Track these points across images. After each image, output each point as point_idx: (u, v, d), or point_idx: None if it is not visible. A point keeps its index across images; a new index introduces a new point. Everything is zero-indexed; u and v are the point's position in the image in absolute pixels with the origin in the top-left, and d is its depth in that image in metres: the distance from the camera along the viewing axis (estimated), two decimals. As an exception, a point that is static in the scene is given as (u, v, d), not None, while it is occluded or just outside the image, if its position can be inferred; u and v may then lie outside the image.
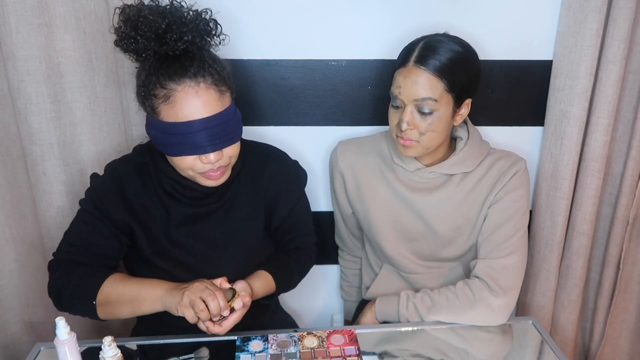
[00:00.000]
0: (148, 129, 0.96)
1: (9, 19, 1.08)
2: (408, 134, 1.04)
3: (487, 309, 1.09)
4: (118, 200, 1.01)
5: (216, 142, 0.91)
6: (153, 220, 1.03)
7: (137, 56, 0.92)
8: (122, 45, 0.91)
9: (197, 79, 0.88)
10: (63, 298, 0.99)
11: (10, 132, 1.23)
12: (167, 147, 0.93)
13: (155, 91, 0.89)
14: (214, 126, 0.90)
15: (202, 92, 0.89)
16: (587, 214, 1.36)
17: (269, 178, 1.10)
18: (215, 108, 0.90)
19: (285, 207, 1.13)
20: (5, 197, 1.25)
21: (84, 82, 1.20)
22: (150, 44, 0.88)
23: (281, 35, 1.27)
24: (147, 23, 0.86)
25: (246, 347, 1.01)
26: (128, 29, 0.88)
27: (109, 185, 1.02)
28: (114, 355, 0.88)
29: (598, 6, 1.18)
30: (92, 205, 1.02)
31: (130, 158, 1.06)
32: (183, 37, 0.88)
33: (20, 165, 1.26)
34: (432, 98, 1.01)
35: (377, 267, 1.30)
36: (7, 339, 1.28)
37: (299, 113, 1.35)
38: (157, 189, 1.03)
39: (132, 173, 1.03)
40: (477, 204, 1.14)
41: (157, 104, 0.90)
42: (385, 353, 1.04)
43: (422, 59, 1.01)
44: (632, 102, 1.32)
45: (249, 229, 1.09)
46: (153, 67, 0.89)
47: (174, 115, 0.89)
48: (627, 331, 1.56)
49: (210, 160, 0.93)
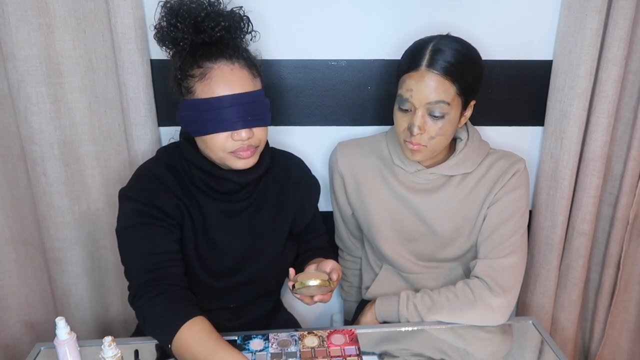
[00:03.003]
0: (182, 113, 0.98)
1: (9, 19, 1.09)
2: (418, 138, 1.04)
3: (487, 309, 1.09)
4: (166, 194, 1.00)
5: (247, 119, 0.95)
6: (191, 216, 1.03)
7: (174, 45, 0.97)
8: (161, 34, 0.97)
9: (232, 60, 0.95)
10: (147, 328, 0.95)
11: (10, 132, 1.23)
12: (201, 126, 0.95)
13: (192, 71, 0.94)
14: (245, 103, 0.95)
15: (237, 71, 0.95)
16: (587, 214, 1.36)
17: (296, 185, 1.14)
18: (247, 86, 0.96)
19: (310, 212, 1.18)
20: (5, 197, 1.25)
21: (84, 82, 1.20)
22: (189, 30, 0.94)
23: (281, 35, 1.27)
24: (188, 10, 0.94)
25: (247, 346, 1.01)
26: (169, 17, 0.95)
27: (150, 184, 1.00)
28: (114, 355, 0.88)
29: (598, 6, 1.18)
30: (139, 215, 0.98)
31: (158, 160, 1.06)
32: (220, 24, 0.95)
33: (20, 165, 1.26)
34: (445, 101, 1.01)
35: (377, 268, 1.30)
36: (7, 339, 1.28)
37: (299, 113, 1.35)
38: (189, 186, 1.03)
39: (166, 172, 1.02)
40: (477, 204, 1.14)
41: (192, 83, 0.94)
42: (385, 353, 1.04)
43: (434, 62, 1.00)
44: (632, 102, 1.32)
45: (275, 230, 1.11)
46: (189, 52, 0.95)
47: (209, 91, 0.93)
48: (627, 331, 1.56)
49: (241, 137, 0.95)
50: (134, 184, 1.02)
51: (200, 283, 1.05)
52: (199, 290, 1.04)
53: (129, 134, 1.24)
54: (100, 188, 1.31)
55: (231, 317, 1.13)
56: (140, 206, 0.98)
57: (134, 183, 1.02)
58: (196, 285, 1.04)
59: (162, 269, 0.97)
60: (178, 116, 0.99)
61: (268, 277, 1.12)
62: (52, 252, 1.27)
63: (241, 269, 1.08)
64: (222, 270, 1.06)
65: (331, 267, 0.99)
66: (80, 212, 1.27)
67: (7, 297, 1.28)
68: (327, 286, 0.94)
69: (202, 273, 1.04)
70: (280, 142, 1.35)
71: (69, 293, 1.31)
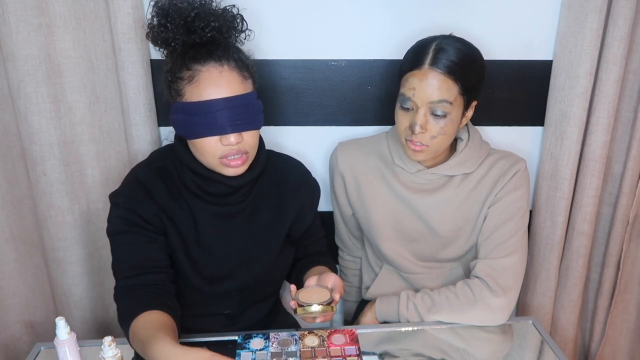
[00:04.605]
0: (173, 116, 0.97)
1: (9, 19, 1.09)
2: (419, 137, 1.04)
3: (487, 309, 1.09)
4: (148, 202, 0.99)
5: (237, 124, 0.93)
6: (181, 221, 1.02)
7: (165, 45, 0.95)
8: (152, 35, 0.95)
9: (221, 62, 0.92)
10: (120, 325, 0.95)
11: (10, 132, 1.23)
12: (190, 130, 0.94)
13: (181, 74, 0.93)
14: (235, 107, 0.92)
15: (226, 74, 0.92)
16: (587, 214, 1.36)
17: (295, 188, 1.12)
18: (236, 89, 0.93)
19: (310, 217, 1.16)
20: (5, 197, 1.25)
21: (84, 82, 1.20)
22: (179, 31, 0.92)
23: (281, 35, 1.27)
24: (177, 10, 0.92)
25: (247, 345, 1.01)
26: (159, 17, 0.93)
27: (134, 191, 1.00)
28: (114, 355, 0.88)
29: (598, 6, 1.18)
30: (124, 222, 0.98)
31: (149, 163, 1.05)
32: (210, 24, 0.92)
33: (20, 165, 1.26)
34: (447, 100, 1.01)
35: (377, 268, 1.30)
36: (7, 339, 1.28)
37: (299, 113, 1.35)
38: (181, 190, 1.02)
39: (154, 177, 1.01)
40: (478, 204, 1.14)
41: (182, 86, 0.93)
42: (385, 353, 1.04)
43: (437, 61, 1.00)
44: (632, 102, 1.32)
45: (272, 234, 1.09)
46: (180, 54, 0.93)
47: (197, 94, 0.91)
48: (627, 331, 1.56)
49: (230, 142, 0.93)
50: (121, 189, 1.01)
51: (194, 288, 1.04)
52: (193, 295, 1.04)
53: (129, 134, 1.24)
54: (100, 188, 1.31)
55: (227, 322, 1.12)
56: (124, 213, 0.98)
57: (122, 188, 1.01)
58: (190, 291, 1.03)
59: (142, 275, 0.97)
60: (171, 118, 0.98)
61: (265, 281, 1.10)
62: (52, 252, 1.27)
63: (237, 273, 1.06)
64: (217, 275, 1.05)
65: (332, 284, 0.96)
66: (80, 212, 1.27)
67: (7, 297, 1.27)
68: (329, 312, 0.93)
69: (195, 278, 1.03)
70: (280, 143, 1.35)
71: (69, 293, 1.31)
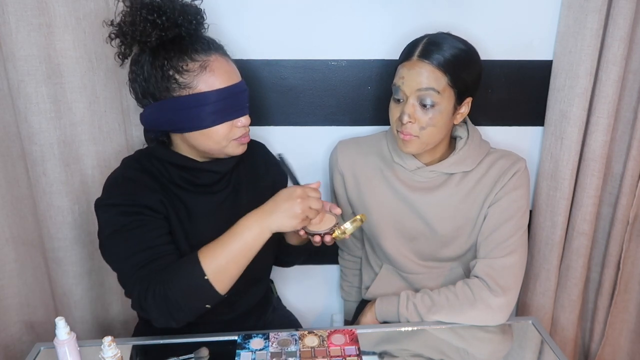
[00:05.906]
0: (166, 113, 0.94)
1: (9, 19, 1.08)
2: (408, 127, 1.05)
3: (487, 309, 1.09)
4: (147, 192, 0.97)
5: (245, 106, 1.00)
6: (179, 211, 1.02)
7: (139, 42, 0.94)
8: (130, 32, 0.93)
9: (218, 51, 0.97)
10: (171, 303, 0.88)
11: (10, 132, 1.23)
12: (203, 120, 0.94)
13: (186, 67, 0.92)
14: (243, 91, 0.99)
15: (229, 61, 0.98)
16: (587, 214, 1.36)
17: (265, 167, 1.16)
18: (239, 75, 1.00)
19: None
20: (5, 197, 1.25)
21: (84, 82, 1.20)
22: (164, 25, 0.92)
23: (281, 35, 1.27)
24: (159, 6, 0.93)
25: (247, 345, 1.01)
26: (145, 12, 0.92)
27: (128, 187, 0.98)
28: (114, 355, 0.88)
29: (598, 6, 1.18)
30: (123, 216, 0.94)
31: (125, 167, 1.03)
32: (177, 22, 0.94)
33: (20, 165, 1.26)
34: (434, 89, 1.02)
35: (377, 267, 1.30)
36: (7, 339, 1.28)
37: (299, 113, 1.35)
38: (168, 185, 1.02)
39: (140, 174, 1.00)
40: (477, 203, 1.15)
41: (191, 78, 0.93)
42: (385, 353, 1.04)
43: (426, 53, 1.02)
44: (632, 102, 1.32)
45: None
46: (163, 52, 0.93)
47: (216, 82, 0.94)
48: (627, 331, 1.56)
49: (244, 124, 0.99)
50: (110, 191, 0.99)
51: None
52: None
53: (129, 134, 1.24)
54: (100, 188, 1.29)
55: (225, 309, 1.11)
56: (124, 208, 0.95)
57: (110, 191, 0.99)
58: None
59: (156, 259, 0.92)
60: (154, 118, 0.96)
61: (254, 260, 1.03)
62: (52, 252, 1.27)
63: None
64: None
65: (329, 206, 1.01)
66: (80, 212, 1.27)
67: (7, 297, 1.27)
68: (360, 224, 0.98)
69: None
70: (280, 142, 1.35)
71: (69, 293, 1.31)
